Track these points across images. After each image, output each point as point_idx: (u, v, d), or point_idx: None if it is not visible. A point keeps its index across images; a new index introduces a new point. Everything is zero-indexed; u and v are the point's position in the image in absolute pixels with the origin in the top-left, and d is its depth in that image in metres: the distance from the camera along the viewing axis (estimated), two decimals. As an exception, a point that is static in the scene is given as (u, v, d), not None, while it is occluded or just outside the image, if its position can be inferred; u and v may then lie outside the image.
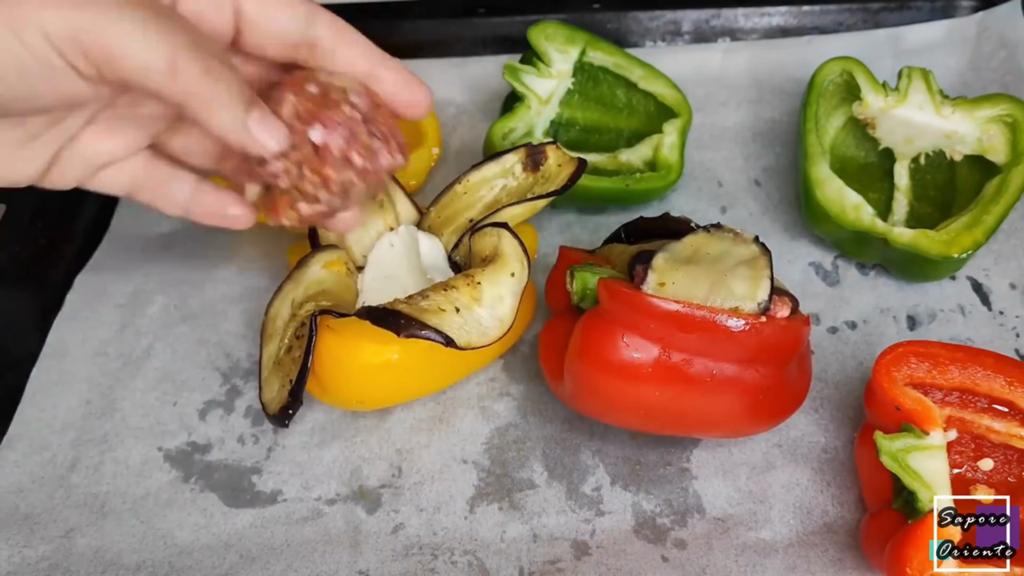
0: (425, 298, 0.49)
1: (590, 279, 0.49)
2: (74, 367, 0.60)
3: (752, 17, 0.77)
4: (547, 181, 0.56)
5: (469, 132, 0.72)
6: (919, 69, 0.64)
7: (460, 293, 0.49)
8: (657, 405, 0.48)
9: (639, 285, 0.47)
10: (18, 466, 0.56)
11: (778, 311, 0.47)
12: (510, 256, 0.51)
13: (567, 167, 0.56)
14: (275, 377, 0.52)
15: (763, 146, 0.70)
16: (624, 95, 0.69)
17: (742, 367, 0.47)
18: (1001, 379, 0.48)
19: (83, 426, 0.57)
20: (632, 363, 0.46)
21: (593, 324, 0.48)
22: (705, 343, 0.46)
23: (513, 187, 0.57)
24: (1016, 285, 0.61)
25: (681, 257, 0.48)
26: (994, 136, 0.61)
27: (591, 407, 0.51)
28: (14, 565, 0.51)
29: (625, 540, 0.51)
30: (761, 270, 0.47)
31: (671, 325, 0.45)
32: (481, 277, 0.50)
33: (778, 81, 0.73)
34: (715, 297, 0.46)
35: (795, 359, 0.49)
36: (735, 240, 0.49)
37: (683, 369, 0.46)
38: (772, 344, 0.46)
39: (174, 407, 0.58)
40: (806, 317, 0.48)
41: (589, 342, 0.47)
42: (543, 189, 0.55)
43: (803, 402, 0.52)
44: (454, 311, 0.49)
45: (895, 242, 0.57)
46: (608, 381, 0.48)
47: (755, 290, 0.46)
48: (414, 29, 0.78)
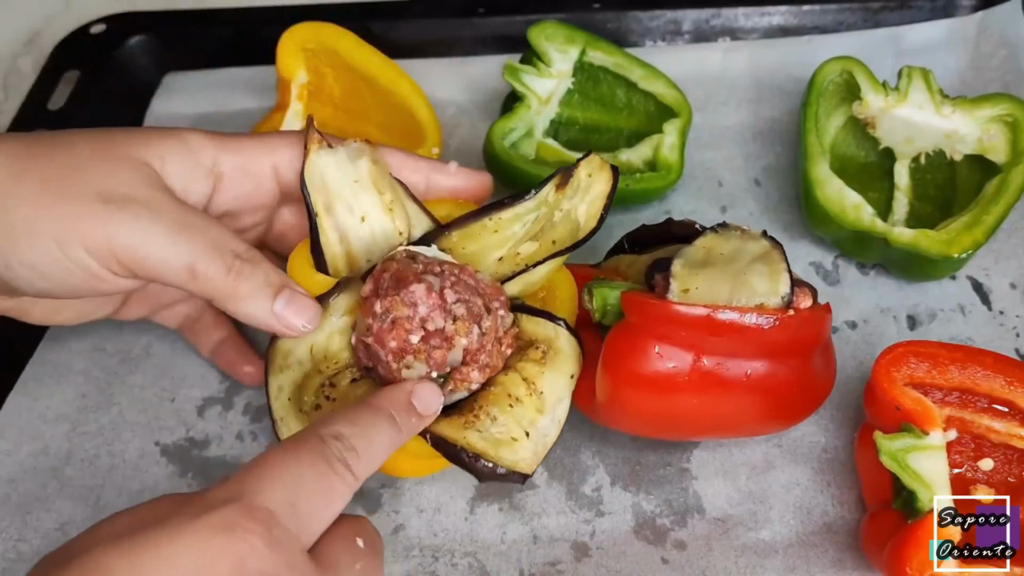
0: (493, 420, 0.47)
1: (610, 294, 0.49)
2: (71, 360, 0.60)
3: (752, 17, 0.77)
4: (575, 193, 0.52)
5: (469, 132, 0.72)
6: (919, 69, 0.64)
7: (525, 408, 0.48)
8: (696, 411, 0.48)
9: (663, 294, 0.46)
10: (9, 455, 0.56)
11: (801, 302, 0.47)
12: (568, 356, 0.49)
13: (597, 176, 0.52)
14: (295, 421, 0.49)
15: (763, 146, 0.70)
16: (624, 95, 0.69)
17: (773, 363, 0.47)
18: (1001, 379, 0.48)
19: (78, 419, 0.57)
20: (668, 373, 0.46)
21: (622, 339, 0.47)
22: (736, 344, 0.46)
23: (544, 213, 0.53)
24: (1016, 285, 0.61)
25: (696, 261, 0.48)
26: (994, 136, 0.61)
27: (629, 423, 0.51)
28: (9, 561, 0.51)
29: (625, 541, 0.51)
30: (777, 263, 0.47)
31: (702, 330, 0.45)
32: (542, 384, 0.48)
33: (778, 80, 0.73)
34: (738, 297, 0.46)
35: (820, 348, 0.49)
36: (744, 237, 0.49)
37: (718, 373, 0.46)
38: (800, 335, 0.47)
39: (172, 403, 0.58)
40: (826, 304, 0.49)
41: (621, 358, 0.47)
42: (571, 204, 0.52)
43: (832, 389, 0.52)
44: (524, 435, 0.47)
45: (895, 242, 0.57)
46: (645, 394, 0.47)
47: (776, 284, 0.46)
48: (414, 29, 0.78)
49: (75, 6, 0.87)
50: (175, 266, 0.44)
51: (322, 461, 0.38)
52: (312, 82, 0.67)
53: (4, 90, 0.82)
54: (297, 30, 0.65)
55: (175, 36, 0.80)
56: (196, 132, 0.49)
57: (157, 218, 0.44)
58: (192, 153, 0.48)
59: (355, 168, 0.51)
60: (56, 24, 0.85)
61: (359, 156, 0.51)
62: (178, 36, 0.80)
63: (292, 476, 0.37)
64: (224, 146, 0.49)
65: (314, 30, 0.66)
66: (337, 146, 0.51)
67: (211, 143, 0.49)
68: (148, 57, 0.79)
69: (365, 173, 0.51)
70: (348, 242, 0.51)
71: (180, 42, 0.79)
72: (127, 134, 0.47)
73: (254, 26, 0.79)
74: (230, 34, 0.79)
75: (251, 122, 0.71)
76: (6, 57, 0.85)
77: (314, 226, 0.50)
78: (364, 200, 0.51)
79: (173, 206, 0.45)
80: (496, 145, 0.63)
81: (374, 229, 0.52)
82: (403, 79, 0.67)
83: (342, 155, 0.51)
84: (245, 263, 0.45)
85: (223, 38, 0.79)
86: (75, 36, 0.79)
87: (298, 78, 0.66)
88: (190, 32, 0.80)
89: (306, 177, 0.50)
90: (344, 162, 0.51)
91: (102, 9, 0.81)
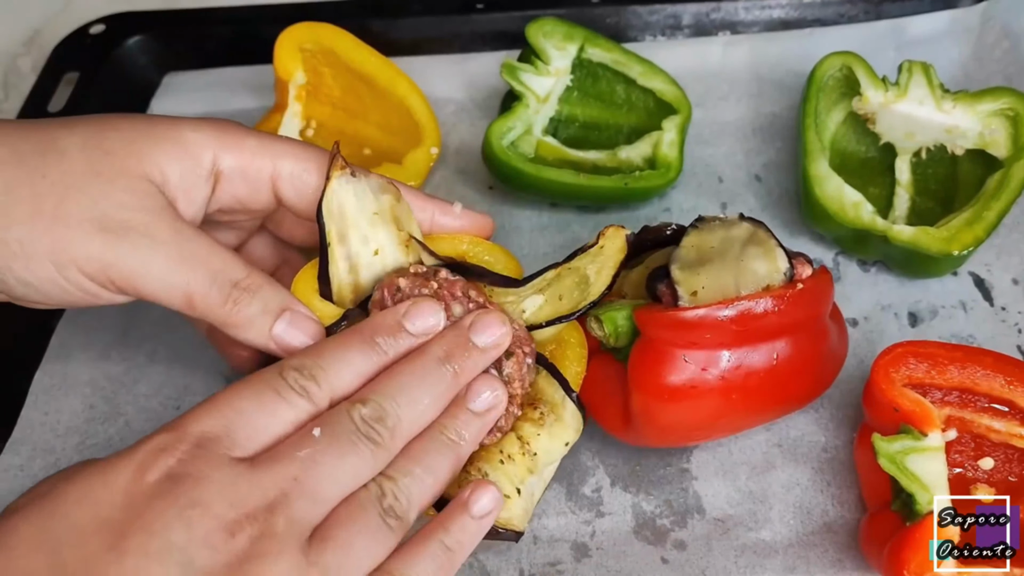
0: (484, 477, 0.46)
1: (618, 317, 0.49)
2: (77, 371, 0.60)
3: (752, 10, 0.77)
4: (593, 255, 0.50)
5: (468, 130, 0.72)
6: (919, 63, 0.63)
7: (517, 467, 0.47)
8: (734, 407, 0.48)
9: (674, 303, 0.47)
10: (22, 470, 0.56)
11: (802, 272, 0.47)
12: (568, 426, 0.48)
13: (612, 239, 0.50)
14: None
15: (763, 141, 0.70)
16: (623, 91, 0.68)
17: (795, 338, 0.48)
18: (1001, 378, 0.48)
19: (87, 430, 0.58)
20: (701, 377, 0.46)
21: (646, 356, 0.47)
22: (756, 331, 0.46)
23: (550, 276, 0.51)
24: (1018, 280, 0.61)
25: (691, 261, 0.48)
26: (995, 130, 0.61)
27: (670, 436, 0.51)
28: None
29: (625, 541, 0.51)
30: (767, 242, 0.47)
31: (722, 328, 0.45)
32: (536, 446, 0.48)
33: (779, 75, 0.73)
34: (744, 284, 0.46)
35: (829, 311, 0.50)
36: (725, 225, 0.49)
37: (748, 363, 0.47)
38: (811, 305, 0.48)
39: (177, 411, 0.58)
40: (823, 267, 0.49)
41: (650, 374, 0.47)
42: (582, 263, 0.50)
43: (848, 349, 0.53)
44: (516, 493, 0.46)
45: (895, 240, 0.57)
46: (682, 404, 0.47)
47: (775, 262, 0.47)
48: (412, 26, 0.78)
49: (75, 6, 0.87)
50: (173, 296, 0.44)
51: (270, 390, 0.41)
52: (310, 82, 0.67)
53: (4, 90, 0.83)
54: (294, 31, 0.65)
55: (174, 36, 0.79)
56: (197, 129, 0.47)
57: (156, 248, 0.44)
58: (192, 157, 0.46)
59: (377, 201, 0.49)
60: (56, 24, 0.85)
61: (384, 191, 0.49)
62: (177, 36, 0.79)
63: (231, 407, 0.40)
64: (224, 144, 0.47)
65: (311, 30, 0.66)
66: (360, 175, 0.49)
67: (213, 141, 0.47)
68: (147, 57, 0.79)
69: (387, 208, 0.49)
70: (357, 272, 0.49)
71: (179, 42, 0.79)
72: (122, 142, 0.45)
73: (254, 25, 0.79)
74: (229, 34, 0.79)
75: (251, 122, 0.71)
76: (6, 57, 0.85)
77: (325, 254, 0.48)
78: (381, 234, 0.49)
79: (173, 233, 0.44)
80: (495, 144, 0.63)
81: (386, 263, 0.50)
82: (401, 78, 0.67)
83: (364, 185, 0.49)
84: (243, 292, 0.45)
85: (222, 38, 0.79)
86: (74, 36, 0.79)
87: (296, 79, 0.66)
88: (189, 32, 0.80)
89: (324, 203, 0.48)
90: (365, 193, 0.49)
91: (102, 9, 0.81)
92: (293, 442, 0.40)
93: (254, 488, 0.38)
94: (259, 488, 0.38)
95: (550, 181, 0.62)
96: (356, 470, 0.40)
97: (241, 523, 0.37)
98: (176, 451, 0.38)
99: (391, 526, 0.40)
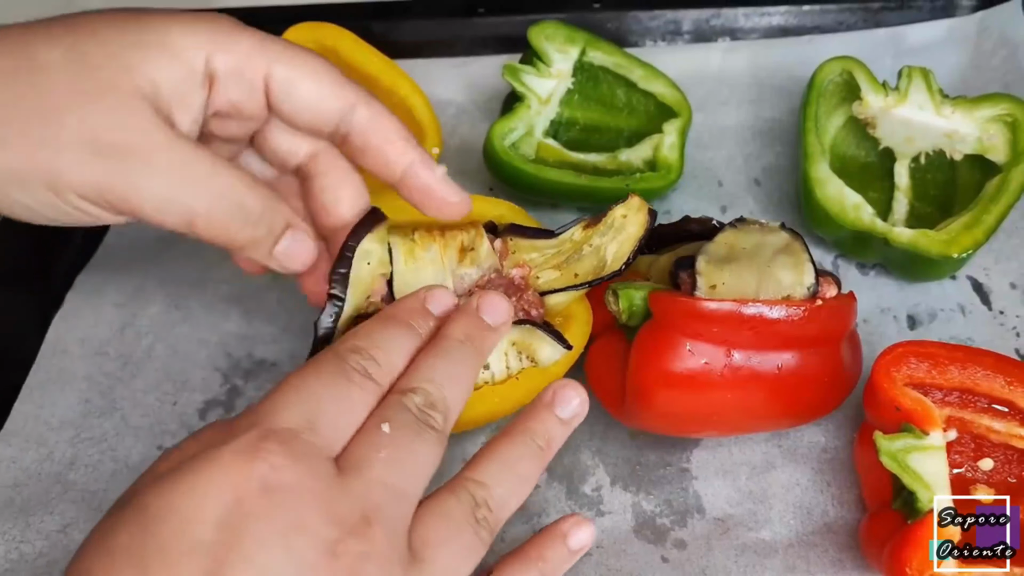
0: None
1: (636, 295, 0.49)
2: (73, 366, 0.60)
3: (752, 17, 0.77)
4: (607, 231, 0.51)
5: (470, 132, 0.72)
6: (919, 68, 0.64)
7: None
8: (729, 406, 0.48)
9: (691, 291, 0.47)
10: (14, 462, 0.56)
11: (826, 292, 0.47)
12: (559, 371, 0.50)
13: (633, 217, 0.50)
14: None
15: (763, 145, 0.70)
16: (624, 95, 0.69)
17: (803, 354, 0.47)
18: (1001, 379, 0.48)
19: (82, 424, 0.57)
20: (701, 370, 0.46)
21: (652, 338, 0.47)
22: (766, 337, 0.46)
23: (568, 248, 0.52)
24: (1016, 284, 0.61)
25: (719, 257, 0.48)
26: (994, 136, 0.61)
27: (661, 422, 0.51)
28: (11, 562, 0.51)
29: (625, 540, 0.51)
30: (800, 254, 0.47)
31: (732, 325, 0.45)
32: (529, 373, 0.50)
33: (778, 80, 0.73)
34: (765, 290, 0.46)
35: (846, 336, 0.50)
36: (763, 230, 0.49)
37: (750, 367, 0.47)
38: (827, 325, 0.47)
39: (174, 407, 0.58)
40: (851, 293, 0.49)
41: (652, 357, 0.47)
42: (602, 241, 0.51)
43: (860, 376, 0.52)
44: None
45: (895, 242, 0.57)
46: (678, 392, 0.47)
47: (801, 275, 0.47)
48: (414, 29, 0.78)
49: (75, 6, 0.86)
50: (174, 219, 0.42)
51: (339, 375, 0.39)
52: (312, 82, 0.67)
53: (4, 90, 0.82)
54: (297, 31, 0.65)
55: (175, 36, 0.79)
56: (187, 31, 0.42)
57: (152, 170, 0.41)
58: (184, 63, 0.42)
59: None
60: (56, 24, 0.85)
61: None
62: (178, 36, 0.79)
63: (308, 394, 0.38)
64: (218, 44, 0.43)
65: (313, 31, 0.66)
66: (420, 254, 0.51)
67: (205, 41, 0.43)
68: (148, 57, 0.78)
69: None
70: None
71: (180, 42, 0.79)
72: (107, 55, 0.41)
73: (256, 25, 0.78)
74: (230, 34, 0.79)
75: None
76: (6, 57, 0.84)
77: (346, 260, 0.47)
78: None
79: (169, 152, 0.41)
80: (496, 145, 0.63)
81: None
82: (403, 79, 0.67)
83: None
84: (245, 225, 0.43)
85: (223, 38, 0.79)
86: (75, 36, 0.79)
87: (298, 78, 0.66)
88: (190, 32, 0.80)
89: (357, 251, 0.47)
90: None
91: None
92: (370, 441, 0.38)
93: (348, 498, 0.36)
94: (352, 497, 0.36)
95: (551, 182, 0.63)
96: (429, 460, 0.39)
97: (344, 541, 0.35)
98: (265, 454, 0.35)
99: (483, 539, 0.39)
